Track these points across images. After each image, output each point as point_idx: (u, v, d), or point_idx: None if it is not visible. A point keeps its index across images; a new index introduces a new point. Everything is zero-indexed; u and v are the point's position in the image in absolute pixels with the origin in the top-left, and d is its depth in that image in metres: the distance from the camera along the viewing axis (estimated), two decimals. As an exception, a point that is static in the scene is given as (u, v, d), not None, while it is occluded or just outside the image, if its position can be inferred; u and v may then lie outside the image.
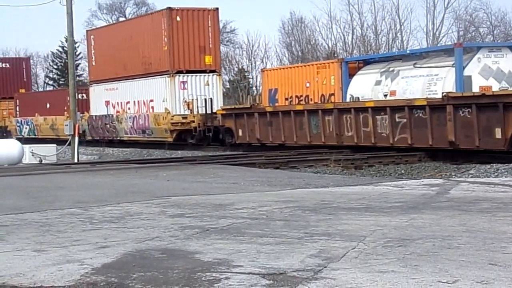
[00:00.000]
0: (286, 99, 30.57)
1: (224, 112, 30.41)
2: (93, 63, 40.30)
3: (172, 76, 32.74)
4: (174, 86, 32.76)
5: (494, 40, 53.23)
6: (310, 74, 29.57)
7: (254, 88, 61.29)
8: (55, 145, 29.42)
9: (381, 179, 16.37)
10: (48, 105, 45.10)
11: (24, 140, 41.89)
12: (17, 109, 49.78)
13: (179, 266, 5.93)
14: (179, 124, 32.59)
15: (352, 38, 56.36)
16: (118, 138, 37.88)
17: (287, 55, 63.17)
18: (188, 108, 32.40)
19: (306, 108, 25.69)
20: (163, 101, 33.28)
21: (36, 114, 46.63)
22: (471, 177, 16.00)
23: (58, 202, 10.87)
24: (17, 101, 50.23)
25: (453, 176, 16.68)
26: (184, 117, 32.44)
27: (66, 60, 50.67)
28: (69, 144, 29.02)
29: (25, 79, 53.75)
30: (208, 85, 33.09)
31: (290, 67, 33.18)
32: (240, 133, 28.58)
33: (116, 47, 37.32)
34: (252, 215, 8.88)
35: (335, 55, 57.10)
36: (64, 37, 46.08)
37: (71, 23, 29.62)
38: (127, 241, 7.15)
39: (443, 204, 9.64)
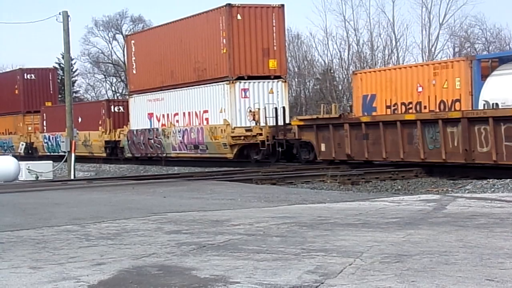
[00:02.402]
0: (388, 107, 25.40)
1: (302, 123, 25.98)
2: (134, 71, 36.50)
3: (232, 83, 28.93)
4: (235, 94, 28.96)
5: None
6: (423, 76, 24.07)
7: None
8: (51, 161, 29.36)
9: (378, 194, 16.36)
10: (80, 119, 40.75)
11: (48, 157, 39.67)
12: (44, 124, 45.82)
13: (176, 282, 5.92)
14: (242, 137, 28.63)
15: (348, 54, 56.56)
16: (165, 154, 33.85)
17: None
18: (254, 119, 28.41)
19: (420, 118, 21.09)
20: (221, 112, 29.47)
21: (76, 129, 44.82)
22: (468, 192, 16.01)
23: (54, 219, 10.84)
24: (44, 115, 46.02)
25: (450, 192, 16.68)
26: (248, 129, 28.50)
27: (63, 77, 50.64)
28: (66, 161, 28.98)
29: (51, 91, 48.96)
30: (273, 93, 29.34)
31: (394, 68, 27.25)
32: (323, 148, 24.53)
33: (162, 52, 33.66)
34: (249, 231, 8.86)
35: (331, 71, 57.26)
36: (61, 54, 45.05)
37: (67, 40, 29.72)
38: (124, 258, 7.12)
39: (440, 219, 9.63)
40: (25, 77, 47.92)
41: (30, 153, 46.14)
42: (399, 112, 24.41)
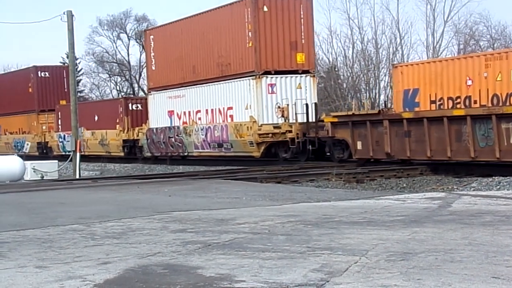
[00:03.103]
0: (433, 102, 23.45)
1: (335, 120, 24.57)
2: (153, 68, 34.80)
3: (259, 78, 27.47)
4: (261, 89, 27.52)
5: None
6: (473, 68, 22.12)
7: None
8: (56, 161, 29.37)
9: (383, 192, 16.35)
10: (96, 118, 39.75)
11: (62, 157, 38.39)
12: (59, 123, 43.96)
13: (181, 281, 5.92)
14: (270, 135, 27.14)
15: (353, 52, 56.49)
16: (186, 153, 32.46)
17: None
18: (282, 115, 26.95)
19: (470, 114, 19.61)
20: (247, 109, 28.04)
21: (82, 127, 41.53)
22: (473, 190, 15.99)
23: (60, 218, 10.86)
24: (59, 113, 44.02)
25: (455, 189, 16.67)
26: (277, 126, 27.12)
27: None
28: (71, 160, 29.03)
29: (65, 90, 45.91)
30: (301, 88, 27.85)
31: (440, 60, 25.31)
32: (359, 146, 23.06)
33: (183, 47, 32.04)
34: (254, 229, 8.86)
35: (336, 69, 57.19)
36: (65, 53, 44.36)
37: (72, 39, 29.76)
38: (129, 257, 7.13)
39: (445, 217, 9.62)
40: (39, 75, 46.56)
41: (45, 153, 44.30)
42: (445, 108, 22.41)
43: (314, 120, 26.22)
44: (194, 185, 17.24)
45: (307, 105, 26.48)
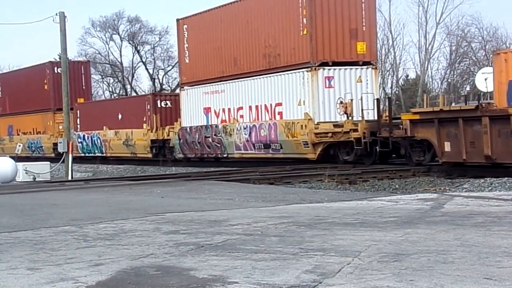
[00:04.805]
0: None
1: (417, 117, 21.20)
2: (186, 60, 31.66)
3: (315, 69, 24.53)
4: (317, 83, 24.57)
5: (486, 55, 53.47)
6: None
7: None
8: (48, 162, 29.29)
9: (375, 194, 16.37)
10: (120, 116, 36.82)
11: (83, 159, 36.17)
12: (78, 122, 40.83)
13: (174, 283, 5.91)
14: (329, 134, 24.07)
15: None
16: (226, 155, 29.56)
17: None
18: (345, 112, 23.77)
19: None
20: (299, 105, 25.18)
21: (104, 127, 38.17)
22: (465, 191, 16.02)
23: (52, 219, 10.82)
24: (78, 112, 40.76)
25: (447, 191, 16.70)
26: (337, 125, 24.00)
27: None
28: (63, 162, 28.96)
29: (84, 87, 43.84)
30: (361, 81, 24.94)
31: None
32: (447, 148, 20.01)
33: (222, 37, 29.05)
34: (247, 231, 8.86)
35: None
36: (58, 55, 43.17)
37: (64, 40, 29.73)
38: (122, 259, 7.12)
39: (438, 218, 9.64)
40: (55, 71, 41.49)
41: (61, 154, 41.66)
42: None
43: (390, 117, 22.62)
44: (186, 186, 17.22)
45: (378, 100, 23.62)
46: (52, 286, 5.94)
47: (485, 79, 23.08)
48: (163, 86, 70.56)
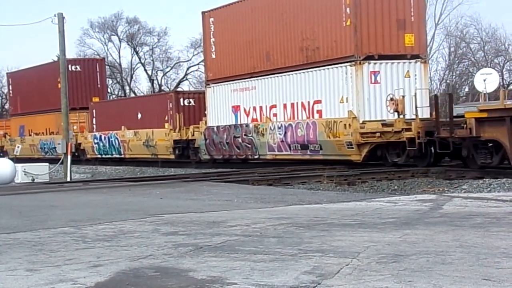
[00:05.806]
0: None
1: (484, 115, 19.20)
2: (213, 56, 29.71)
3: (359, 64, 22.62)
4: (362, 78, 22.65)
5: (485, 56, 53.48)
6: None
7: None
8: (47, 164, 29.28)
9: (374, 195, 16.37)
10: (139, 115, 35.22)
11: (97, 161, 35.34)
12: (94, 122, 39.27)
13: (172, 284, 5.91)
14: (377, 134, 22.12)
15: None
16: (257, 156, 27.70)
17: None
18: (396, 110, 21.69)
19: None
20: (341, 102, 23.31)
21: (123, 127, 36.49)
22: (464, 192, 16.03)
23: (50, 221, 10.82)
24: (94, 111, 39.31)
25: (446, 192, 16.71)
26: (386, 124, 22.14)
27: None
28: (62, 163, 28.96)
29: (99, 85, 42.40)
30: (409, 76, 23.06)
31: None
32: None
33: (253, 30, 27.16)
34: (246, 232, 8.86)
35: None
36: (56, 56, 43.15)
37: (63, 41, 29.73)
38: (121, 260, 7.12)
39: (437, 219, 9.64)
40: (69, 69, 39.53)
41: (76, 156, 37.25)
42: None
43: (451, 116, 20.72)
44: (185, 188, 17.22)
45: (436, 96, 22.04)
46: (51, 287, 5.94)
47: (484, 80, 23.13)
48: (162, 87, 70.55)
